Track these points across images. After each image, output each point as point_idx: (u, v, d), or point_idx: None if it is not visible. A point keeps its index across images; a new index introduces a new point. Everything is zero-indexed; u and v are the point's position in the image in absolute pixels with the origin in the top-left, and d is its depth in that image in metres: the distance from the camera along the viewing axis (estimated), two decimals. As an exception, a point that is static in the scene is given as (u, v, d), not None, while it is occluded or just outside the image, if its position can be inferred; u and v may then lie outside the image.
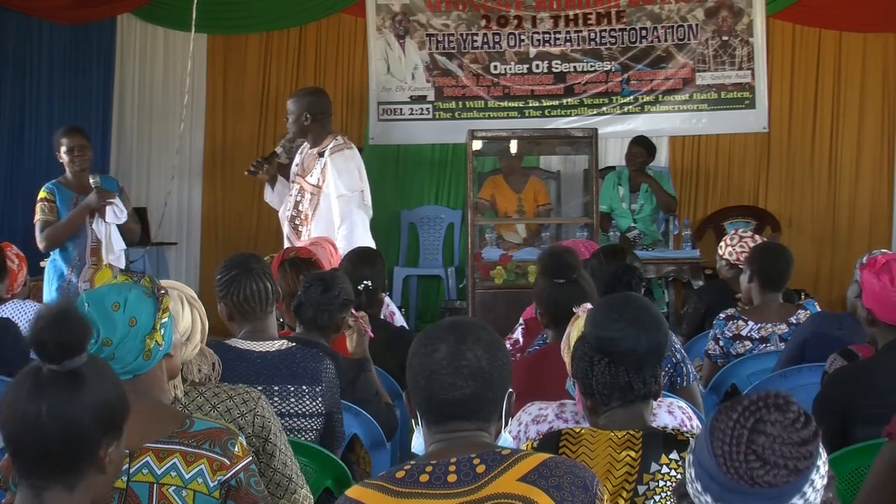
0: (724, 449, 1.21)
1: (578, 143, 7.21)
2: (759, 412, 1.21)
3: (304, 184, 5.32)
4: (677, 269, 7.13)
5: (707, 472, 1.23)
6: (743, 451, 1.20)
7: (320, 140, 5.31)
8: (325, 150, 5.26)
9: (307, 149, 5.39)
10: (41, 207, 5.54)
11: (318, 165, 5.26)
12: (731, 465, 1.20)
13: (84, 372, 1.59)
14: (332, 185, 5.21)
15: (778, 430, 1.20)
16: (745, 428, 1.20)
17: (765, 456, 1.19)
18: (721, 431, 1.22)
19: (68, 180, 5.67)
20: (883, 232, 8.14)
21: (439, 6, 8.43)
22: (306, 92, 5.51)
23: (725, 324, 4.25)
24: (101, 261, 5.66)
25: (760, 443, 1.19)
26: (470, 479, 1.78)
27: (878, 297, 2.83)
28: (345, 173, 5.22)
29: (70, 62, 8.62)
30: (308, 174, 5.32)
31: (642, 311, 2.28)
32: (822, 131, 8.26)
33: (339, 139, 5.31)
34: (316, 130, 5.30)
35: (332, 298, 3.40)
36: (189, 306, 2.48)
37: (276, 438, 2.51)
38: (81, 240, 5.62)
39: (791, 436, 1.20)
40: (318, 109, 5.30)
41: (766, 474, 1.19)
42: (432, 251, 8.51)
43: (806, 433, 1.21)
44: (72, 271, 5.55)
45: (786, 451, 1.19)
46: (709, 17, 8.25)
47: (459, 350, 1.86)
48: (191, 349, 2.50)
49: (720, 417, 1.23)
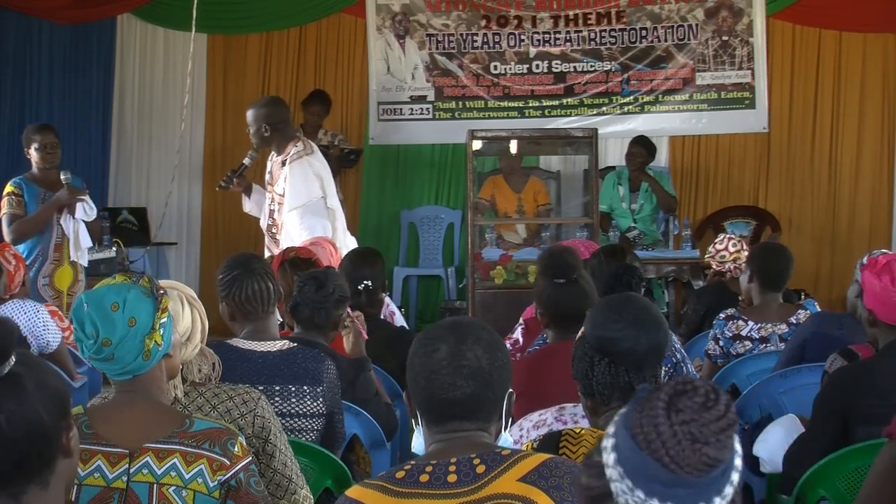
0: (670, 454, 1.22)
1: (578, 143, 7.21)
2: (675, 405, 1.24)
3: (274, 193, 5.37)
4: (677, 269, 7.13)
5: (658, 482, 1.23)
6: (687, 445, 1.21)
7: (283, 147, 5.34)
8: (287, 158, 5.29)
9: (274, 157, 5.43)
10: (8, 201, 5.58)
11: (283, 174, 5.30)
12: (684, 465, 1.21)
13: (19, 371, 1.58)
14: (286, 198, 5.25)
15: (697, 412, 1.23)
16: (676, 424, 1.22)
17: (703, 437, 1.22)
18: (655, 441, 1.23)
19: (35, 176, 5.71)
20: (883, 232, 8.14)
21: (439, 6, 8.43)
22: (263, 103, 5.50)
23: (725, 324, 4.25)
24: (64, 257, 5.69)
25: (694, 429, 1.21)
26: (470, 480, 1.78)
27: (879, 297, 2.83)
28: (300, 183, 5.22)
29: (70, 62, 8.62)
30: (276, 183, 5.36)
31: (642, 311, 2.28)
32: (822, 131, 8.26)
33: (299, 145, 5.32)
34: (278, 139, 5.34)
35: (327, 296, 3.39)
36: (189, 306, 2.48)
37: (276, 439, 2.51)
38: (46, 235, 5.66)
39: (710, 413, 1.23)
40: (276, 119, 5.33)
41: (716, 451, 1.22)
42: (432, 251, 8.51)
43: (720, 406, 1.24)
44: (32, 266, 5.56)
45: (714, 427, 1.22)
46: (709, 17, 8.25)
47: (459, 350, 1.86)
48: (191, 349, 2.50)
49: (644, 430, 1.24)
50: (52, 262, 5.70)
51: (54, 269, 5.70)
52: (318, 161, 5.35)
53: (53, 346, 4.32)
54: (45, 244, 5.67)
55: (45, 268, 5.67)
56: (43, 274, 5.66)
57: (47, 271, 5.68)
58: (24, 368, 1.58)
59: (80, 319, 2.08)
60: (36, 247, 5.65)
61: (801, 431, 3.14)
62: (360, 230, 8.32)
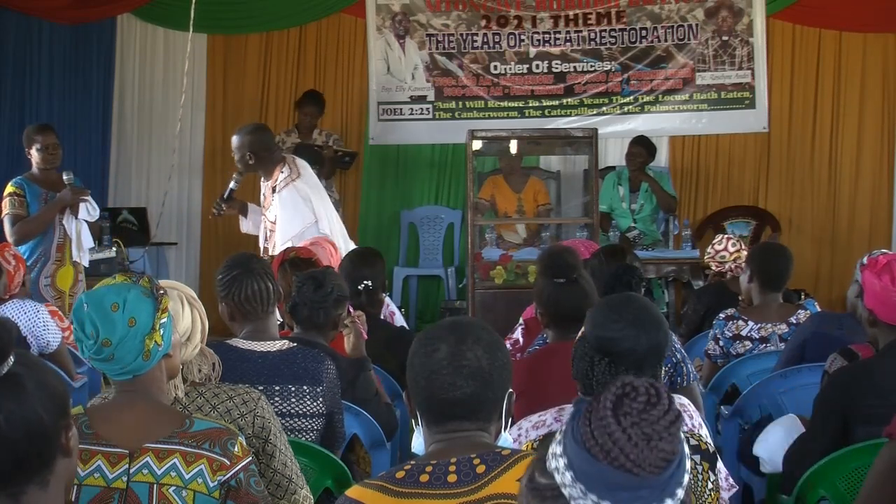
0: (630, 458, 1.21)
1: (578, 143, 7.21)
2: (621, 409, 1.24)
3: (266, 221, 5.42)
4: (677, 269, 7.13)
5: (614, 486, 1.22)
6: (643, 443, 1.22)
7: (270, 173, 5.38)
8: (276, 185, 5.32)
9: (263, 181, 5.47)
10: (10, 202, 5.59)
11: (273, 202, 5.34)
12: (643, 463, 1.21)
13: (19, 371, 1.58)
14: (277, 231, 5.28)
15: (642, 411, 1.23)
16: (627, 427, 1.22)
17: (655, 434, 1.22)
18: (610, 447, 1.22)
19: (36, 176, 5.71)
20: (883, 232, 8.14)
21: (439, 6, 8.43)
22: (247, 131, 5.47)
23: (725, 324, 4.25)
24: (66, 257, 5.70)
25: (645, 428, 1.22)
26: (470, 480, 1.78)
27: (879, 297, 2.83)
28: (291, 213, 5.26)
29: (70, 62, 8.62)
30: (268, 209, 5.41)
31: (642, 311, 2.28)
32: (822, 131, 8.26)
33: (285, 170, 5.33)
34: (263, 166, 5.38)
35: (326, 296, 3.39)
36: (189, 306, 2.48)
37: (276, 439, 2.51)
38: (49, 236, 5.67)
39: (654, 411, 1.23)
40: (260, 147, 5.36)
41: (668, 444, 1.22)
42: (432, 251, 8.51)
43: (663, 403, 1.25)
44: (34, 266, 5.57)
45: (663, 423, 1.23)
46: (709, 17, 8.25)
47: (459, 350, 1.86)
48: (191, 349, 2.50)
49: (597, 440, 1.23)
50: (55, 262, 5.70)
51: (56, 270, 5.71)
52: (305, 184, 5.37)
53: (53, 346, 4.32)
54: (48, 244, 5.68)
55: (47, 268, 5.68)
56: (45, 274, 5.67)
57: (49, 271, 5.69)
58: (23, 368, 1.58)
59: (80, 319, 2.08)
60: (38, 247, 5.66)
61: (801, 431, 3.14)
62: (360, 230, 8.33)
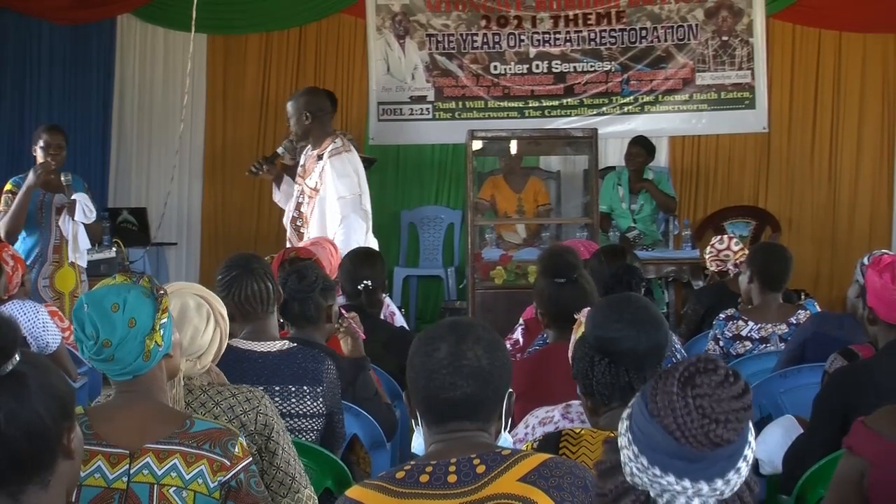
0: (677, 423, 1.26)
1: (578, 143, 7.21)
2: (692, 380, 1.27)
3: (305, 186, 5.34)
4: (677, 269, 7.14)
5: (663, 452, 1.26)
6: (697, 417, 1.25)
7: (320, 142, 5.32)
8: (324, 153, 5.26)
9: (309, 150, 5.41)
10: (5, 199, 5.60)
11: (318, 168, 5.27)
12: (689, 436, 1.25)
13: (23, 370, 1.58)
14: (330, 188, 5.22)
15: (713, 388, 1.26)
16: (689, 397, 1.26)
17: (714, 415, 1.25)
18: (665, 409, 1.27)
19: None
20: (883, 232, 8.14)
21: (439, 6, 8.43)
22: (303, 92, 5.54)
23: (725, 324, 4.25)
24: (63, 259, 5.70)
25: (706, 405, 1.25)
26: (470, 480, 1.78)
27: (880, 295, 2.83)
28: (343, 176, 5.23)
29: (70, 62, 8.61)
30: (308, 176, 5.33)
31: (642, 311, 2.28)
32: (822, 131, 8.26)
33: (339, 141, 5.32)
34: (317, 130, 5.32)
35: (311, 285, 3.37)
36: (215, 324, 2.49)
37: (279, 437, 2.51)
38: (45, 237, 5.66)
39: (726, 391, 1.27)
40: (316, 107, 5.32)
41: (725, 431, 1.25)
42: (432, 251, 8.51)
43: (738, 387, 1.28)
44: (32, 267, 5.56)
45: (726, 406, 1.26)
46: (709, 18, 8.25)
47: (460, 350, 1.86)
48: (199, 367, 2.50)
49: (657, 399, 1.28)
50: (52, 263, 5.71)
51: (54, 271, 5.71)
52: (356, 158, 5.37)
53: (53, 346, 4.31)
54: (44, 245, 5.68)
55: (44, 269, 5.69)
56: (43, 275, 5.67)
57: (47, 273, 5.69)
58: (29, 368, 1.58)
59: (80, 320, 2.08)
60: (35, 248, 5.66)
61: (799, 432, 3.14)
62: (359, 230, 8.32)
